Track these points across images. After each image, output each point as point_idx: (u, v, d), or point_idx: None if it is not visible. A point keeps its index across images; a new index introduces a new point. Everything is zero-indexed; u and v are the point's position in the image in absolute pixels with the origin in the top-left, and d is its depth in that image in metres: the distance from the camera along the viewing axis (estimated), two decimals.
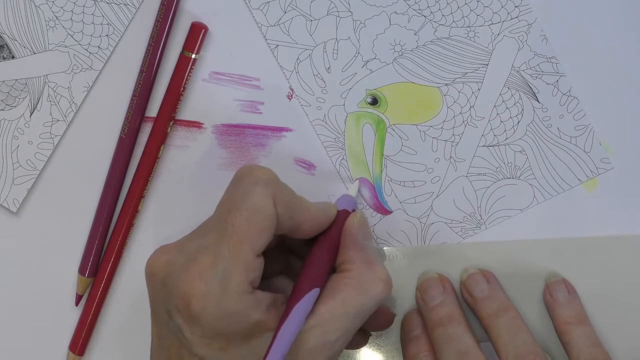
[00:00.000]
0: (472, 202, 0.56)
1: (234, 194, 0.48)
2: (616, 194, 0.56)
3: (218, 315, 0.46)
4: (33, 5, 0.54)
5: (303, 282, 0.48)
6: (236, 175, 0.49)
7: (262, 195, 0.47)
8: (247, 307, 0.46)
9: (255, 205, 0.47)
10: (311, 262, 0.49)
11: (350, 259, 0.49)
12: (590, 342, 0.54)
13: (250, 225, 0.46)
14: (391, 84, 0.55)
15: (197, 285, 0.46)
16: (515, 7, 0.55)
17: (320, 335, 0.47)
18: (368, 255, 0.50)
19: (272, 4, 0.55)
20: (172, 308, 0.46)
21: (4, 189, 0.56)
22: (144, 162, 0.55)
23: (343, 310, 0.48)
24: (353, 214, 0.51)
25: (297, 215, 0.49)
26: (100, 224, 0.56)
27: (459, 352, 0.52)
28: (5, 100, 0.55)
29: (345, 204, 0.52)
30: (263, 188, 0.47)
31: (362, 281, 0.49)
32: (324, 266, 0.49)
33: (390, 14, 0.55)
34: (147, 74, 0.54)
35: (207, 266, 0.46)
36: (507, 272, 0.56)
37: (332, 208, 0.51)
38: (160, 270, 0.48)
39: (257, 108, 0.56)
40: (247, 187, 0.47)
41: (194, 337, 0.46)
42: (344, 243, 0.50)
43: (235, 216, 0.47)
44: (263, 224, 0.47)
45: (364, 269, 0.49)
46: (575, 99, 0.55)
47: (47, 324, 0.57)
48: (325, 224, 0.50)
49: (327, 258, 0.50)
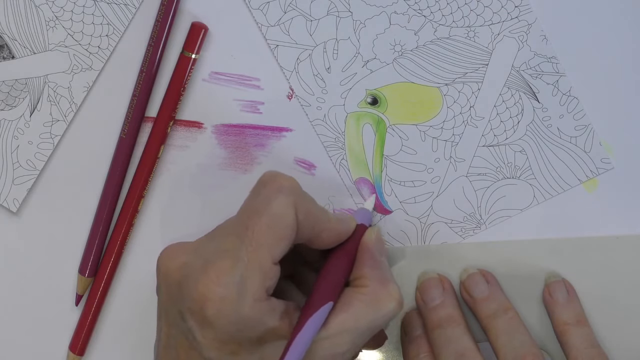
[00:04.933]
0: (472, 202, 0.56)
1: (256, 200, 0.48)
2: (616, 194, 0.56)
3: (232, 320, 0.46)
4: (33, 5, 0.54)
5: (319, 294, 0.48)
6: (259, 181, 0.49)
7: (284, 203, 0.47)
8: (262, 313, 0.46)
9: (277, 212, 0.47)
10: (327, 274, 0.49)
11: (366, 275, 0.50)
12: (589, 343, 0.54)
13: (270, 232, 0.46)
14: (391, 84, 0.55)
15: (214, 288, 0.45)
16: (515, 7, 0.55)
17: (330, 347, 0.48)
18: (383, 272, 0.50)
19: (272, 4, 0.55)
20: (186, 310, 0.46)
21: (4, 189, 0.56)
22: (144, 162, 0.55)
23: (354, 324, 0.48)
24: (371, 229, 0.52)
25: (318, 225, 0.49)
26: (100, 224, 0.56)
27: (457, 353, 0.52)
28: (5, 100, 0.55)
29: (363, 218, 0.52)
30: (286, 196, 0.47)
31: (376, 298, 0.49)
32: (340, 280, 0.49)
33: (390, 14, 0.55)
34: (147, 74, 0.54)
35: (226, 270, 0.46)
36: (506, 272, 0.56)
37: (352, 221, 0.51)
38: (176, 272, 0.48)
39: (257, 108, 0.56)
40: (270, 194, 0.47)
41: (206, 341, 0.46)
42: (361, 258, 0.51)
43: (256, 222, 0.47)
44: (283, 232, 0.47)
45: (378, 286, 0.49)
46: (575, 99, 0.55)
47: (47, 324, 0.57)
48: (344, 236, 0.51)
49: (342, 272, 0.50)
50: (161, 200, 0.56)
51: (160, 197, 0.56)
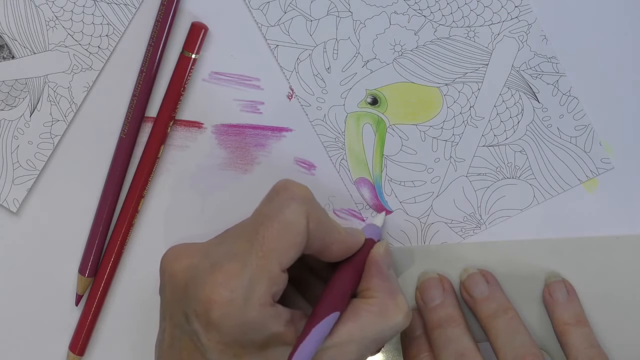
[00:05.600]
0: (472, 202, 0.56)
1: (269, 207, 0.48)
2: (616, 194, 0.56)
3: (237, 324, 0.46)
4: (33, 5, 0.54)
5: (325, 304, 0.48)
6: (273, 188, 0.49)
7: (296, 212, 0.47)
8: (267, 318, 0.46)
9: (289, 220, 0.47)
10: (334, 285, 0.49)
11: (374, 287, 0.50)
12: (589, 343, 0.54)
13: (281, 239, 0.47)
14: (391, 84, 0.55)
15: (221, 291, 0.46)
16: (515, 7, 0.55)
17: (336, 356, 0.48)
18: (391, 284, 0.51)
19: (272, 4, 0.55)
20: (191, 312, 0.46)
21: (4, 189, 0.56)
22: (144, 162, 0.55)
23: (362, 334, 0.48)
24: (379, 242, 0.52)
25: (328, 236, 0.49)
26: (100, 224, 0.56)
27: (457, 353, 0.52)
28: (5, 100, 0.55)
29: (371, 233, 0.53)
30: (298, 204, 0.47)
31: (384, 310, 0.49)
32: (346, 291, 0.50)
33: (390, 14, 0.55)
34: (147, 74, 0.54)
35: (234, 273, 0.46)
36: (506, 272, 0.56)
37: (361, 234, 0.52)
38: (182, 273, 0.48)
39: (257, 108, 0.56)
40: (283, 201, 0.47)
41: (210, 343, 0.46)
42: (369, 270, 0.51)
43: (267, 228, 0.47)
44: (294, 239, 0.47)
45: (386, 298, 0.50)
46: (575, 99, 0.55)
47: (47, 324, 0.57)
48: (354, 249, 0.51)
49: (349, 283, 0.50)
50: (161, 200, 0.56)
51: (160, 197, 0.56)
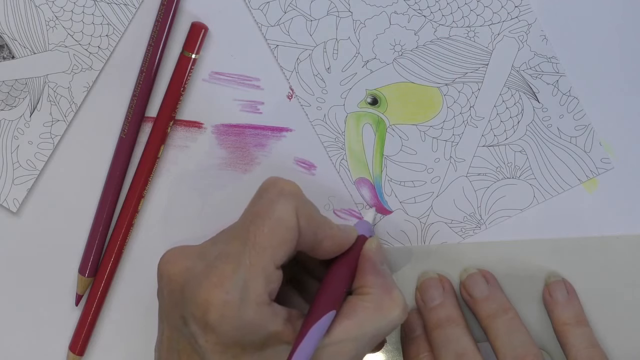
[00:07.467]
0: (472, 202, 0.56)
1: (258, 205, 0.48)
2: (616, 194, 0.56)
3: (235, 325, 0.46)
4: (33, 5, 0.54)
5: (321, 304, 0.48)
6: (261, 186, 0.49)
7: (286, 207, 0.47)
8: (265, 317, 0.46)
9: (279, 216, 0.47)
10: (328, 284, 0.49)
11: (369, 283, 0.50)
12: (588, 343, 0.54)
13: (272, 236, 0.46)
14: (391, 84, 0.55)
15: (217, 293, 0.45)
16: (515, 7, 0.55)
17: (334, 354, 0.48)
18: (386, 280, 0.50)
19: (272, 4, 0.55)
20: (188, 315, 0.46)
21: (4, 189, 0.56)
22: (144, 162, 0.55)
23: (359, 331, 0.48)
24: (371, 238, 0.52)
25: (320, 232, 0.49)
26: (100, 224, 0.56)
27: (456, 353, 0.52)
28: (5, 100, 0.55)
29: (363, 230, 0.53)
30: (287, 200, 0.47)
31: (381, 305, 0.49)
32: (341, 289, 0.49)
33: (390, 14, 0.55)
34: (147, 74, 0.54)
35: (228, 274, 0.46)
36: (506, 272, 0.56)
37: (353, 231, 0.52)
38: (179, 276, 0.47)
39: (257, 108, 0.56)
40: (272, 198, 0.47)
41: (208, 345, 0.46)
42: (362, 267, 0.51)
43: (258, 226, 0.47)
44: (285, 235, 0.47)
45: (382, 293, 0.49)
46: (575, 99, 0.55)
47: (47, 324, 0.57)
48: (346, 245, 0.51)
49: (344, 281, 0.50)
50: (161, 200, 0.56)
51: (160, 197, 0.56)
